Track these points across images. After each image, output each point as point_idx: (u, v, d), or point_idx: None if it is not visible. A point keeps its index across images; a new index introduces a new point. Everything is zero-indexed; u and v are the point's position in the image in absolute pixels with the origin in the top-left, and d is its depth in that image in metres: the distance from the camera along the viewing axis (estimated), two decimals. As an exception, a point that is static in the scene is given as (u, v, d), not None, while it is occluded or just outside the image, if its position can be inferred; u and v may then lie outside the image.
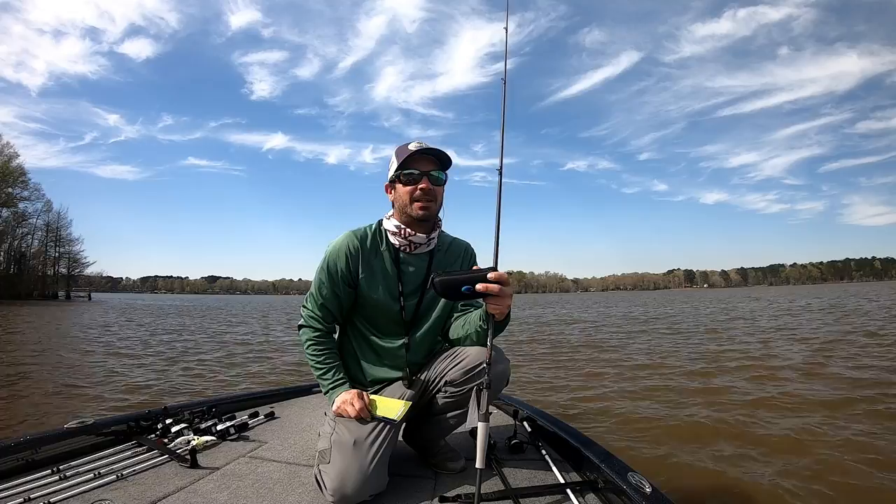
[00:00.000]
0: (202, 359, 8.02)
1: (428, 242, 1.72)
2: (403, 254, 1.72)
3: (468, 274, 1.42)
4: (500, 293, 1.40)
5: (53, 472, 1.56)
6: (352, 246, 1.68)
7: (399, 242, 1.71)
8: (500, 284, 1.39)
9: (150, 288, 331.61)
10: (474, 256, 1.90)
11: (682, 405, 4.50)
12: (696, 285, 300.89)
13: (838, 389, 4.84)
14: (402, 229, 1.69)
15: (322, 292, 1.69)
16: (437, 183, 1.67)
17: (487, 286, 1.38)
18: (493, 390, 1.52)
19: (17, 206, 54.19)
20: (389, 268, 1.71)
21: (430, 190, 1.65)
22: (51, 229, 58.80)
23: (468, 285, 1.39)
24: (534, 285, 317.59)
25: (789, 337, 9.46)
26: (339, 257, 1.68)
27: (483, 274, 1.40)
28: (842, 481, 2.73)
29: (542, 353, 8.55)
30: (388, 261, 1.71)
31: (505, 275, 1.41)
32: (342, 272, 1.68)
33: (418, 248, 1.72)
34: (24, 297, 51.00)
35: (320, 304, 1.70)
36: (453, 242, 1.86)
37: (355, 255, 1.68)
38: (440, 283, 1.40)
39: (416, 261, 1.74)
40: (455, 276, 1.42)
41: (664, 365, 6.75)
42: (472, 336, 1.65)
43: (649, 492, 1.32)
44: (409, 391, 1.67)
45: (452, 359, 1.65)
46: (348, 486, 1.38)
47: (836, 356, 6.82)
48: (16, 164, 52.48)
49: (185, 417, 2.09)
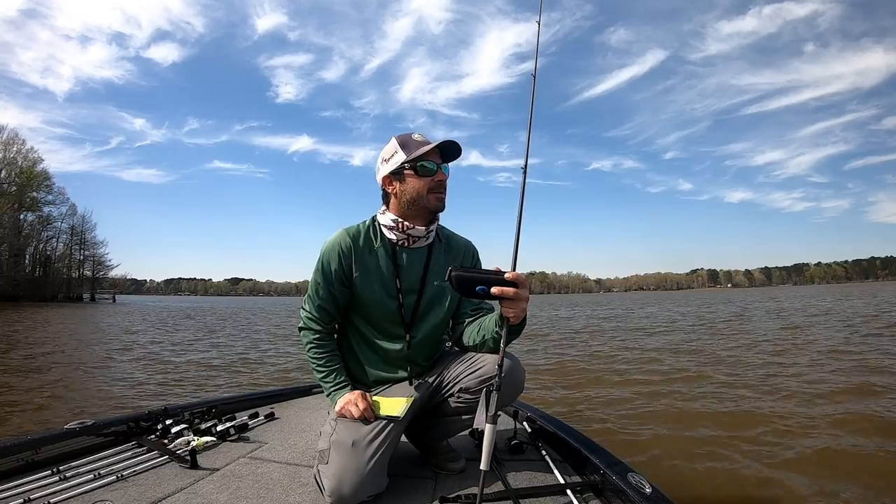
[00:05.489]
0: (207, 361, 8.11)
1: (426, 235, 1.69)
2: (400, 248, 1.69)
3: (485, 274, 1.37)
4: (516, 296, 1.34)
5: (53, 473, 1.57)
6: (344, 245, 1.65)
7: (396, 237, 1.67)
8: (516, 287, 1.34)
9: (173, 290, 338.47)
10: (477, 255, 1.85)
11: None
12: (720, 285, 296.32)
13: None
14: (400, 223, 1.65)
15: (318, 293, 1.67)
16: (447, 175, 1.67)
17: (503, 290, 1.33)
18: (504, 398, 1.50)
19: (41, 210, 56.09)
20: (385, 265, 1.67)
21: (444, 181, 1.64)
22: (75, 232, 60.51)
23: (483, 286, 1.34)
24: (556, 285, 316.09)
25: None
26: (331, 257, 1.65)
27: (500, 276, 1.35)
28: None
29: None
30: (383, 257, 1.67)
31: (522, 276, 1.35)
32: (336, 272, 1.65)
33: (416, 242, 1.69)
34: (49, 299, 52.44)
35: (317, 305, 1.68)
36: (452, 237, 1.83)
37: (348, 254, 1.65)
38: (457, 278, 1.36)
39: (414, 255, 1.70)
40: (472, 273, 1.39)
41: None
42: (488, 342, 1.60)
43: (649, 492, 1.31)
44: (413, 390, 1.64)
45: (469, 365, 1.61)
46: (346, 487, 1.36)
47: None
48: (40, 168, 54.31)
49: (185, 418, 2.10)
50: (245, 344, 10.85)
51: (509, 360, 1.51)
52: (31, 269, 55.53)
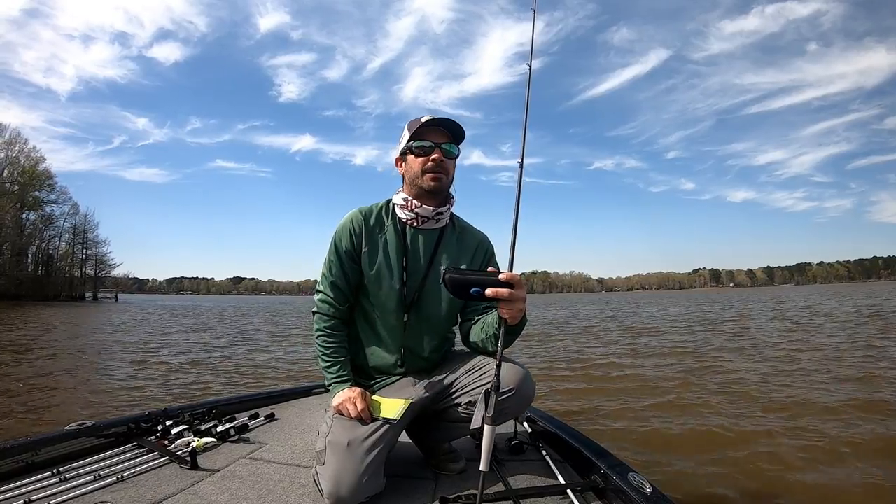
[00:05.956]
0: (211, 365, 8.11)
1: (436, 217, 1.67)
2: (410, 228, 1.69)
3: (479, 275, 1.36)
4: (512, 297, 1.33)
5: (53, 474, 1.57)
6: (356, 222, 1.67)
7: (406, 216, 1.67)
8: (511, 288, 1.33)
9: (175, 289, 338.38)
10: (490, 252, 1.80)
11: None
12: (722, 285, 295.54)
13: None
14: (410, 201, 1.65)
15: (332, 270, 1.67)
16: (450, 156, 1.64)
17: (498, 291, 1.32)
18: (511, 411, 1.50)
19: (44, 210, 56.32)
20: (393, 241, 1.67)
21: (442, 162, 1.62)
22: (78, 232, 60.66)
23: (478, 287, 1.33)
24: (558, 285, 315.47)
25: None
26: (343, 234, 1.67)
27: (494, 277, 1.33)
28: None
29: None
30: (392, 235, 1.67)
31: (517, 276, 1.34)
32: (346, 249, 1.66)
33: (426, 223, 1.68)
34: (51, 298, 52.58)
35: (331, 282, 1.67)
36: (468, 228, 1.80)
37: (359, 232, 1.66)
38: (450, 280, 1.35)
39: (424, 236, 1.69)
40: (466, 275, 1.37)
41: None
42: (490, 340, 1.59)
43: (650, 492, 1.30)
44: (415, 391, 1.61)
45: (477, 377, 1.59)
46: (343, 489, 1.36)
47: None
48: (42, 167, 54.51)
49: (185, 419, 2.09)
50: (247, 347, 10.86)
51: (519, 373, 1.50)
52: (33, 268, 55.75)
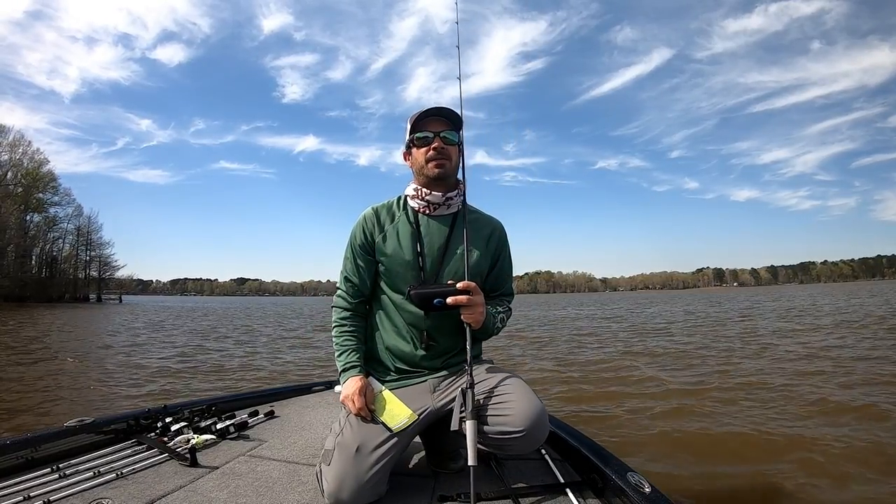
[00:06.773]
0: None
1: (447, 203, 1.68)
2: (423, 215, 1.71)
3: (440, 288, 1.54)
4: (470, 303, 1.50)
5: (53, 471, 1.57)
6: (369, 218, 1.73)
7: (417, 204, 1.70)
8: (469, 294, 1.50)
9: (179, 290, 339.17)
10: (503, 238, 1.79)
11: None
12: (726, 284, 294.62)
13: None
14: (419, 190, 1.68)
15: (347, 266, 1.74)
16: (450, 143, 1.66)
17: (457, 298, 1.49)
18: (517, 451, 1.50)
19: (47, 211, 56.48)
20: (405, 229, 1.69)
21: (443, 149, 1.64)
22: (81, 233, 60.79)
23: (440, 298, 1.50)
24: (562, 285, 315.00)
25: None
26: (357, 231, 1.73)
27: (453, 287, 1.51)
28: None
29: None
30: (404, 223, 1.70)
31: (473, 284, 1.52)
32: (360, 243, 1.71)
33: (438, 210, 1.69)
34: (55, 299, 52.78)
35: (345, 277, 1.75)
36: (482, 216, 1.80)
37: (372, 226, 1.71)
38: (416, 295, 1.54)
39: (437, 223, 1.70)
40: (428, 289, 1.54)
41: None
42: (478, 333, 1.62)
43: (648, 492, 1.30)
44: (430, 401, 1.58)
45: (497, 407, 1.48)
46: (344, 493, 1.37)
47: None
48: (46, 169, 54.60)
49: (184, 416, 2.10)
50: (245, 348, 10.88)
51: (532, 411, 1.44)
52: (37, 269, 55.90)
